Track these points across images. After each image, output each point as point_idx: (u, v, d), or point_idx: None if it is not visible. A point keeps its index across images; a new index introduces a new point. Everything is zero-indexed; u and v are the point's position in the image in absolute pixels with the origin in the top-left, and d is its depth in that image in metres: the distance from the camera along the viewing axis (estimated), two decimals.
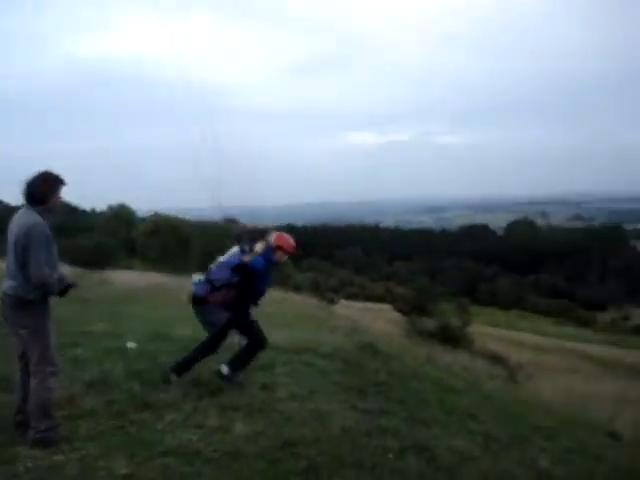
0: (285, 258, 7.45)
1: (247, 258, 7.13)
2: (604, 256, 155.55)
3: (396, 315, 37.25)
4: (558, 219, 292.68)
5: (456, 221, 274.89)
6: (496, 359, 22.42)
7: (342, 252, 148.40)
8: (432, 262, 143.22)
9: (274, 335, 10.17)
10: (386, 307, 48.95)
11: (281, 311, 17.50)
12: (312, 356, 9.41)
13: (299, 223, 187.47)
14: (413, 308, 36.01)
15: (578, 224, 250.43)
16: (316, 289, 45.24)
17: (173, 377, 7.11)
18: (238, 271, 7.08)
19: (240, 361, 7.29)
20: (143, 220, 60.66)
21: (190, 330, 10.22)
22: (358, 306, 47.07)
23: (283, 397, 7.05)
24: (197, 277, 7.23)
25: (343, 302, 47.23)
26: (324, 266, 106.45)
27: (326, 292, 48.01)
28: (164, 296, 25.09)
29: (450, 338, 22.98)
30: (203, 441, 5.48)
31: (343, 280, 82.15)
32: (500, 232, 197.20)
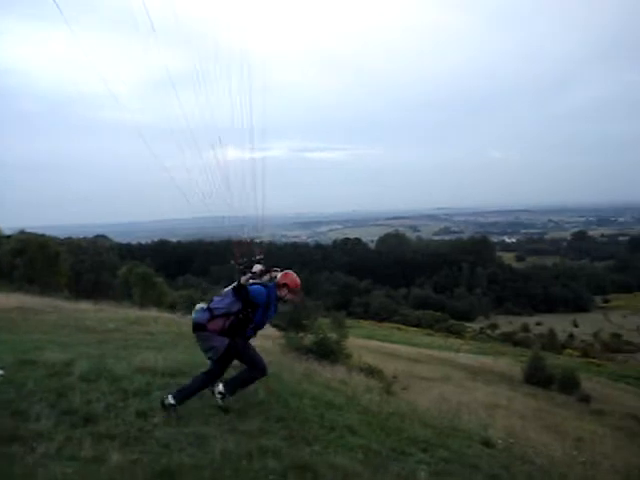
0: (290, 295, 7.70)
1: (244, 279, 7.42)
2: (472, 267, 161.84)
3: (273, 331, 37.21)
4: (428, 232, 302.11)
5: (330, 236, 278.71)
6: (372, 372, 22.76)
7: (218, 268, 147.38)
8: (308, 276, 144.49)
9: (149, 358, 9.93)
10: None
11: (156, 331, 17.09)
12: (189, 379, 9.21)
13: (173, 239, 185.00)
14: (289, 323, 36.03)
15: (447, 237, 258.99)
16: (192, 307, 44.55)
17: (169, 400, 7.21)
18: (238, 294, 7.31)
19: (235, 384, 7.54)
20: (8, 238, 57.96)
21: (61, 354, 9.82)
22: None
23: (160, 423, 6.87)
24: (199, 305, 7.52)
25: None
26: (200, 283, 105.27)
27: None
28: (32, 319, 24.02)
29: (327, 353, 23.10)
30: (77, 473, 5.24)
31: None
32: (372, 246, 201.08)
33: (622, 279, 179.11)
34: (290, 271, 7.87)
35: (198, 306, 7.52)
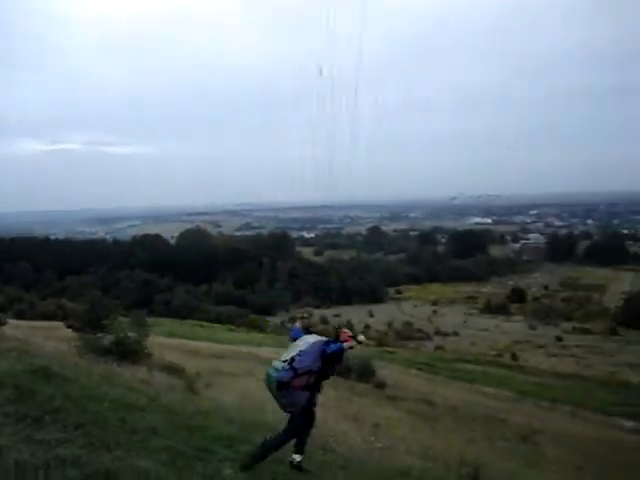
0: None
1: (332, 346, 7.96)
2: (273, 262, 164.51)
3: (69, 332, 35.79)
4: (229, 228, 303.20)
5: (128, 232, 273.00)
6: (174, 370, 22.46)
7: (9, 267, 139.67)
8: (106, 274, 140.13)
9: None
10: (58, 324, 46.81)
11: None
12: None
13: None
14: (86, 324, 34.81)
15: (248, 232, 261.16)
16: None
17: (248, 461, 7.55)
18: (326, 356, 7.83)
19: (301, 444, 8.26)
20: None
21: None
22: (28, 325, 44.45)
23: None
24: (279, 364, 7.69)
25: (12, 322, 44.28)
26: None
27: None
28: None
29: (127, 353, 22.49)
30: None
31: (11, 297, 77.13)
32: (173, 242, 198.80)
33: (413, 271, 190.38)
34: (346, 329, 8.46)
35: (278, 364, 7.70)
